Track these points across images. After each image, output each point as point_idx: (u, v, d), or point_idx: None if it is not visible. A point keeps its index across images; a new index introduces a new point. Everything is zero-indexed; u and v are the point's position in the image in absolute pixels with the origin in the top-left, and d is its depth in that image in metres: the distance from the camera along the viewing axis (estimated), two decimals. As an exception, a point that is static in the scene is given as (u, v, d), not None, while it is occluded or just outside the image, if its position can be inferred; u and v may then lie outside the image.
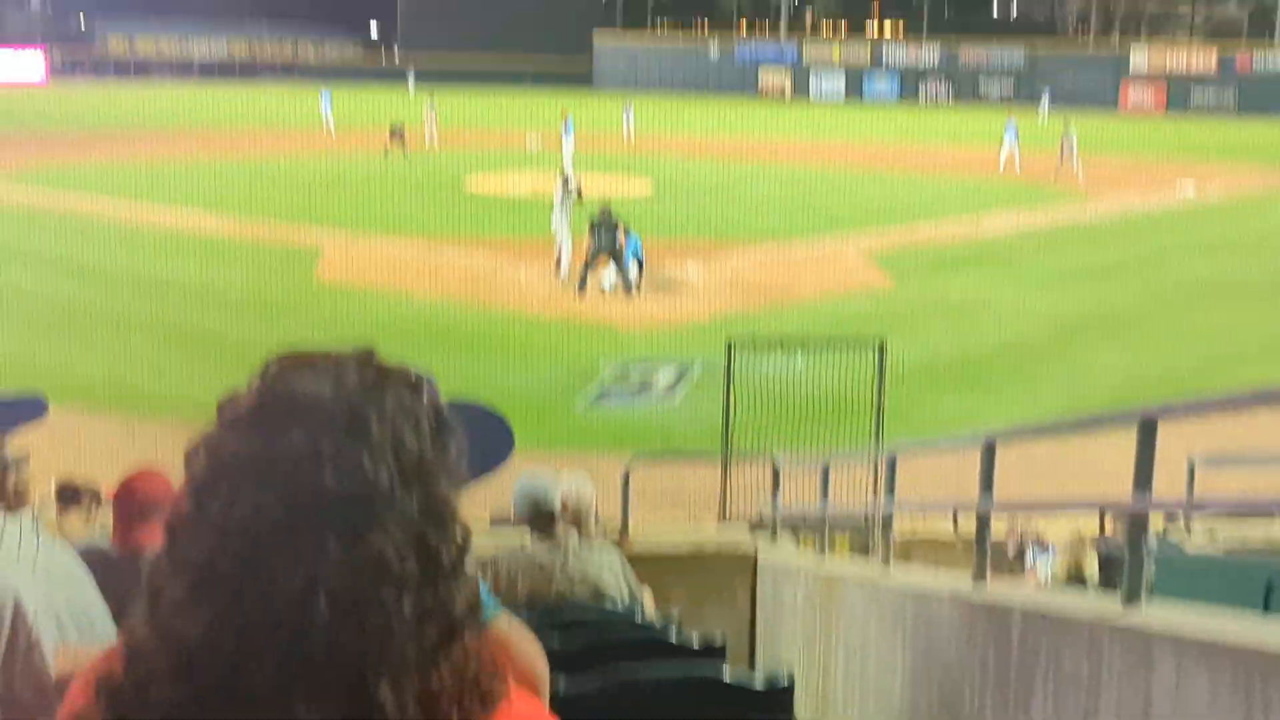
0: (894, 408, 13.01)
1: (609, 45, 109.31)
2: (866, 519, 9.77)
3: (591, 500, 5.63)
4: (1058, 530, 10.60)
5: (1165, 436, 3.86)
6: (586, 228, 21.65)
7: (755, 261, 25.52)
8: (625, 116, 52.85)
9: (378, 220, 29.51)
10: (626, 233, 21.58)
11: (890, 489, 6.67)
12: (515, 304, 21.19)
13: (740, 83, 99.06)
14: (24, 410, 1.92)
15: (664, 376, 16.78)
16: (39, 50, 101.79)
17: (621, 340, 18.83)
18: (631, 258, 21.50)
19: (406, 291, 21.79)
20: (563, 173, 25.22)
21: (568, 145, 38.24)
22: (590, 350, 18.06)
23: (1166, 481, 4.31)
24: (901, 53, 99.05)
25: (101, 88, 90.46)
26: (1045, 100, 73.79)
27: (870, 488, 10.33)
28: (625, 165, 37.77)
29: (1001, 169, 41.18)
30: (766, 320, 20.22)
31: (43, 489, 8.00)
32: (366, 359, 1.31)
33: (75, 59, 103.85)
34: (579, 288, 21.33)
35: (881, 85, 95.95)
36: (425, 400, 1.30)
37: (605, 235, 21.25)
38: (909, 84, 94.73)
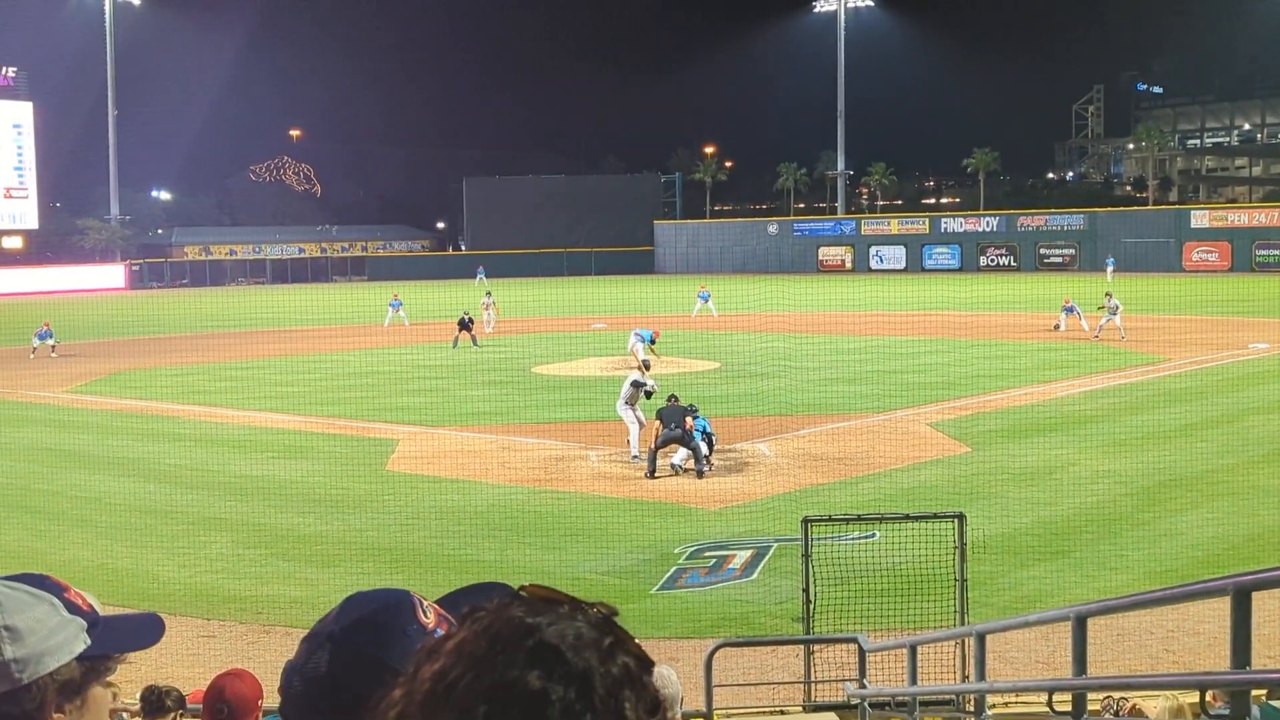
0: (977, 580, 12.73)
1: (669, 231, 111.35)
2: (958, 699, 9.46)
3: (679, 693, 5.49)
4: (1156, 700, 10.21)
5: (1261, 597, 3.74)
6: (654, 415, 21.83)
7: (826, 434, 25.41)
8: (701, 298, 53.54)
9: (448, 410, 29.87)
10: (694, 414, 21.64)
11: (981, 667, 6.48)
12: (586, 487, 21.18)
13: (800, 259, 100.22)
14: (145, 632, 1.92)
15: (739, 556, 16.58)
16: (120, 263, 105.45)
17: (695, 520, 18.68)
18: (700, 437, 21.51)
19: (477, 479, 21.87)
20: (640, 365, 25.37)
21: (638, 346, 37.57)
22: (664, 532, 17.92)
23: (1264, 641, 4.15)
24: (960, 222, 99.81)
25: (178, 293, 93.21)
26: (1110, 266, 73.94)
27: (959, 666, 10.04)
28: (692, 345, 38.01)
29: (1063, 328, 41.15)
30: (840, 493, 20.03)
31: (126, 696, 7.98)
32: (607, 621, 1.31)
33: (153, 267, 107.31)
34: (649, 474, 21.29)
35: (941, 255, 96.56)
36: (650, 679, 1.30)
37: (674, 423, 21.34)
38: (969, 252, 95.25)
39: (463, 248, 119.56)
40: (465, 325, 43.37)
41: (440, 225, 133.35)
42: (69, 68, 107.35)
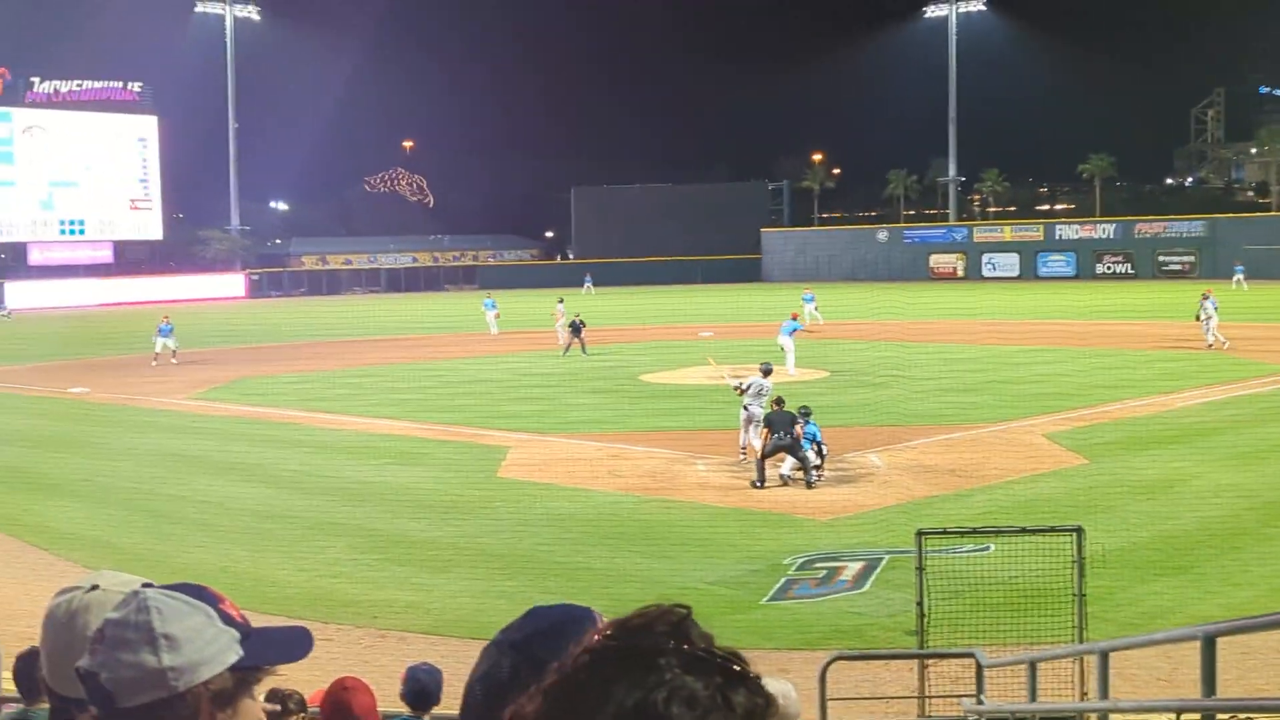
0: (1095, 595, 12.47)
1: (777, 239, 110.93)
2: (1079, 718, 9.28)
3: (799, 711, 5.44)
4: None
5: None
6: (763, 423, 21.77)
7: (938, 445, 25.10)
8: (805, 300, 53.14)
9: (558, 417, 30.09)
10: (806, 418, 21.50)
11: (1104, 686, 6.35)
12: (695, 496, 21.18)
13: (911, 266, 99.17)
14: (295, 645, 1.97)
15: (851, 568, 16.45)
16: (240, 272, 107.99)
17: (805, 531, 18.58)
18: (810, 445, 21.35)
19: (587, 486, 21.99)
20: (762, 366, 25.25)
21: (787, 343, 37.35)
22: (773, 542, 17.85)
23: None
24: (1075, 229, 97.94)
25: (296, 301, 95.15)
26: (1239, 274, 71.85)
27: (1078, 683, 9.84)
28: (799, 353, 37.77)
29: (1211, 342, 39.99)
30: (953, 505, 19.77)
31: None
32: (734, 658, 1.34)
33: (272, 276, 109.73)
34: (758, 484, 21.19)
35: (1056, 262, 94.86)
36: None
37: (782, 430, 21.23)
38: (1085, 259, 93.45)
39: (570, 256, 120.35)
40: (576, 330, 43.64)
41: (549, 234, 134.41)
42: (191, 82, 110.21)
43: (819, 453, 21.60)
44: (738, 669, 1.32)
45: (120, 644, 1.76)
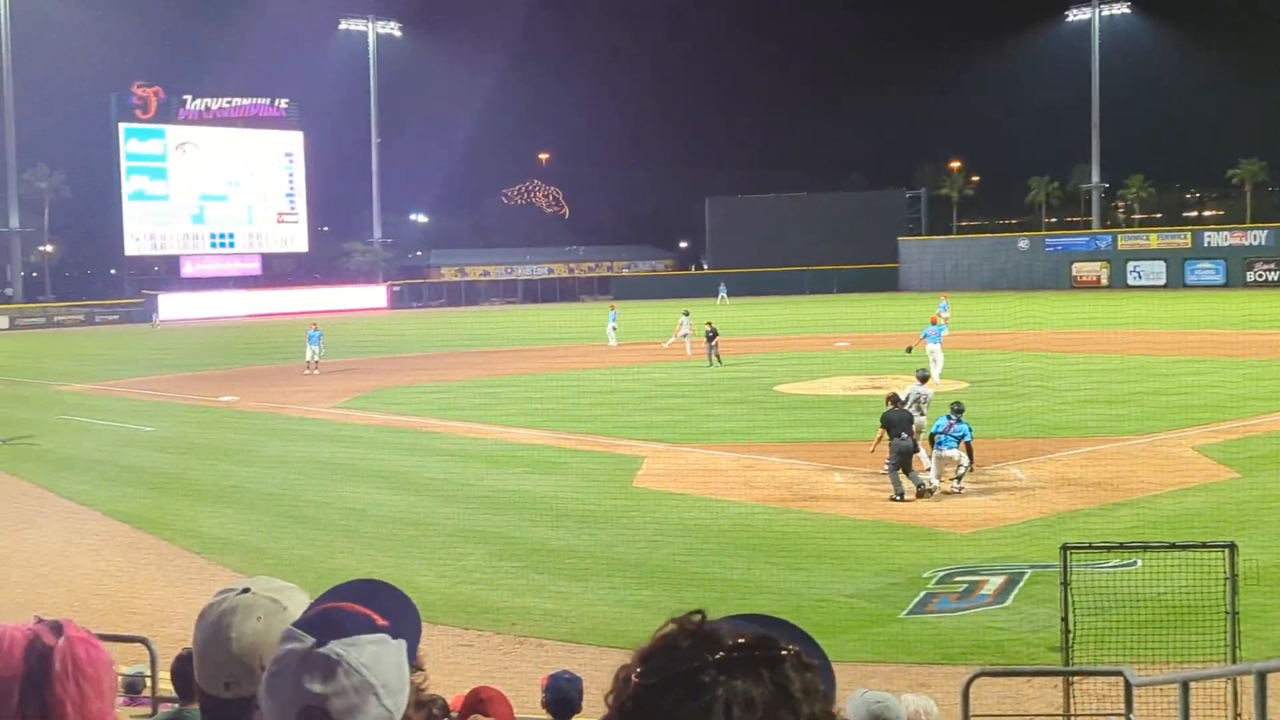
0: (1249, 613, 12.07)
1: (914, 247, 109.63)
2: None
3: (942, 726, 5.37)
4: None
5: None
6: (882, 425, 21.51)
7: (1082, 457, 24.53)
8: (940, 309, 52.39)
9: (692, 428, 30.13)
10: (958, 418, 21.18)
11: (1261, 708, 6.15)
12: (831, 508, 21.02)
13: (1053, 275, 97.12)
14: (412, 616, 1.99)
15: (992, 582, 16.16)
16: (381, 284, 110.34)
17: (945, 544, 18.30)
18: (958, 443, 20.99)
19: (722, 497, 21.98)
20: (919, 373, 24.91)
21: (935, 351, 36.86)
22: (912, 555, 17.63)
23: None
24: (1225, 236, 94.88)
25: (435, 312, 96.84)
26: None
27: (1230, 704, 9.54)
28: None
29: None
30: (1098, 519, 19.30)
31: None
32: (769, 642, 1.34)
33: (412, 287, 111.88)
34: (896, 497, 20.94)
35: (1205, 270, 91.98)
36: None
37: (902, 431, 21.01)
38: (1235, 267, 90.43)
39: (705, 266, 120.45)
40: (710, 339, 43.70)
41: (683, 245, 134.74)
42: (335, 98, 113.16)
43: (969, 452, 21.21)
44: (781, 653, 1.32)
45: (352, 712, 1.78)
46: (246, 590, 2.42)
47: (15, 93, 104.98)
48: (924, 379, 24.03)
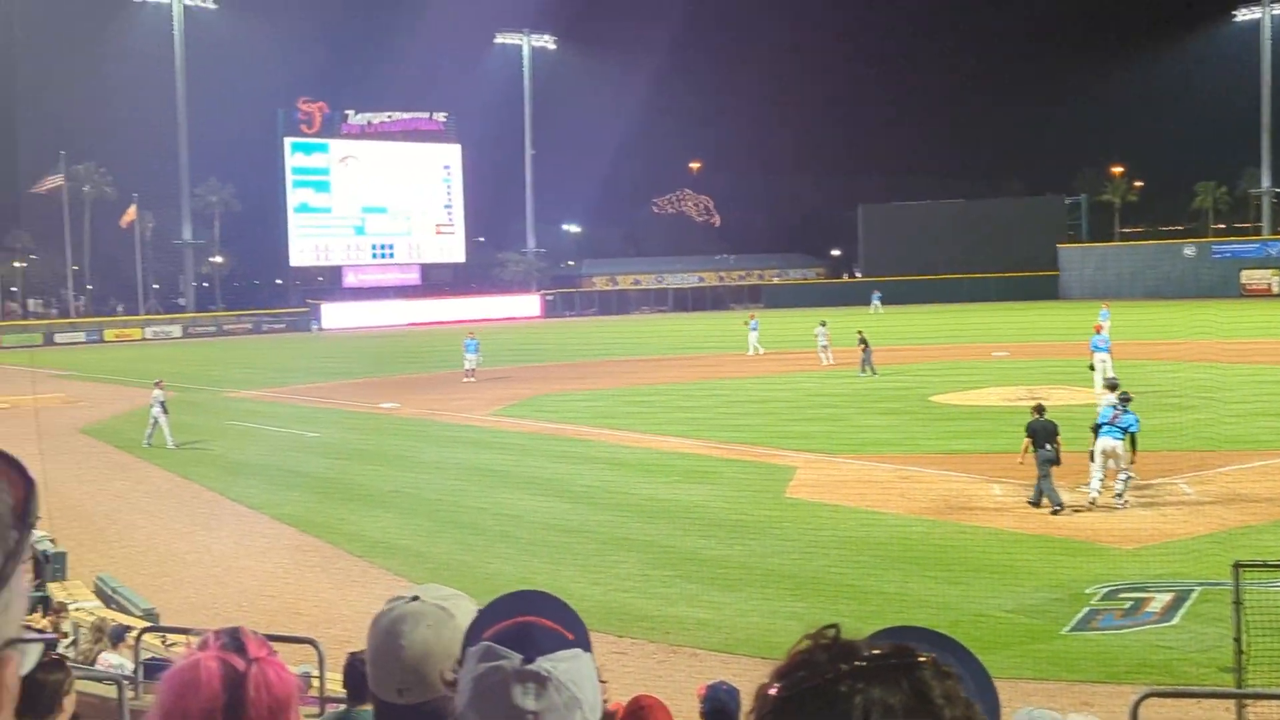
0: None
1: (1075, 255, 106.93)
2: None
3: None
4: None
5: None
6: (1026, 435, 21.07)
7: (1254, 472, 23.63)
8: (1101, 317, 50.99)
9: (846, 438, 29.88)
10: (1125, 408, 20.64)
11: None
12: (990, 521, 20.63)
13: (1221, 283, 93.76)
14: (571, 616, 2.02)
15: (1159, 599, 15.68)
16: (535, 293, 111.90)
17: (1108, 559, 17.80)
18: (1123, 435, 20.43)
19: (877, 509, 21.75)
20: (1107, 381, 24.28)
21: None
22: (1074, 570, 17.20)
23: None
24: None
25: (587, 321, 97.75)
26: None
27: None
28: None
29: None
30: (1271, 536, 18.59)
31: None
32: (905, 651, 1.34)
33: (565, 296, 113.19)
34: (1057, 509, 20.47)
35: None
36: None
37: (1047, 442, 20.56)
38: None
39: (857, 274, 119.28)
40: (864, 345, 43.31)
41: (835, 252, 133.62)
42: (490, 110, 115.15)
43: (1133, 445, 20.61)
44: (918, 660, 1.31)
45: None
46: (415, 598, 2.48)
47: (188, 110, 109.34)
48: (1113, 387, 23.46)
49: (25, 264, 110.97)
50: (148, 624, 14.60)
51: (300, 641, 10.92)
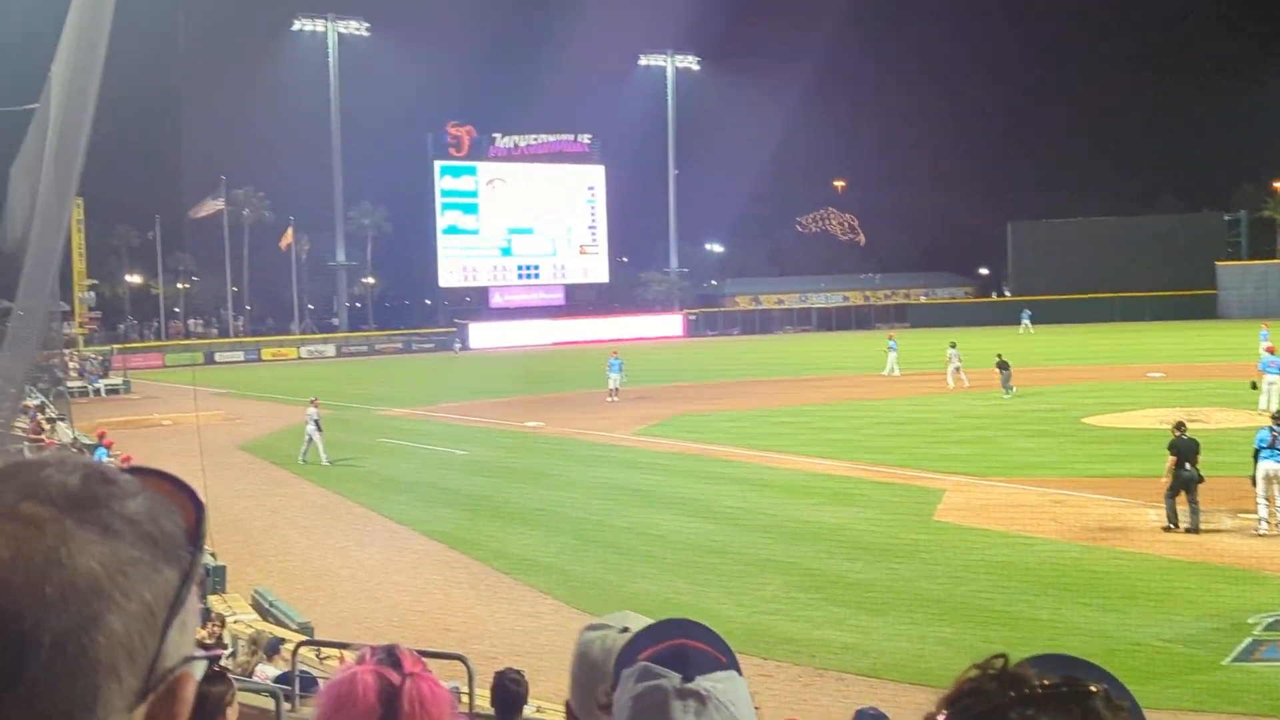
0: None
1: (1234, 273, 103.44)
2: None
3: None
4: None
5: None
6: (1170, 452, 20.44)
7: None
8: (1262, 343, 49.24)
9: (995, 460, 29.32)
10: None
11: None
12: (1146, 546, 20.04)
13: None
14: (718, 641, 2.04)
15: (1328, 632, 15.04)
16: (678, 312, 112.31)
17: (1274, 588, 17.14)
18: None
19: (1028, 533, 21.30)
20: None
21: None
22: (1235, 599, 16.60)
23: None
24: None
25: (730, 340, 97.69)
26: None
27: None
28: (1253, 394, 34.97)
29: None
30: None
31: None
32: (1075, 680, 1.33)
33: (707, 316, 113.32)
34: (1170, 526, 19.88)
35: None
36: None
37: (1188, 461, 19.90)
38: None
39: (1006, 294, 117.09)
40: (1003, 366, 42.54)
41: (983, 271, 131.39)
42: (633, 131, 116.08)
43: None
44: (1090, 690, 1.29)
45: None
46: (626, 630, 2.51)
47: (342, 135, 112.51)
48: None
49: (188, 285, 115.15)
50: (303, 637, 15.02)
51: (450, 658, 11.12)
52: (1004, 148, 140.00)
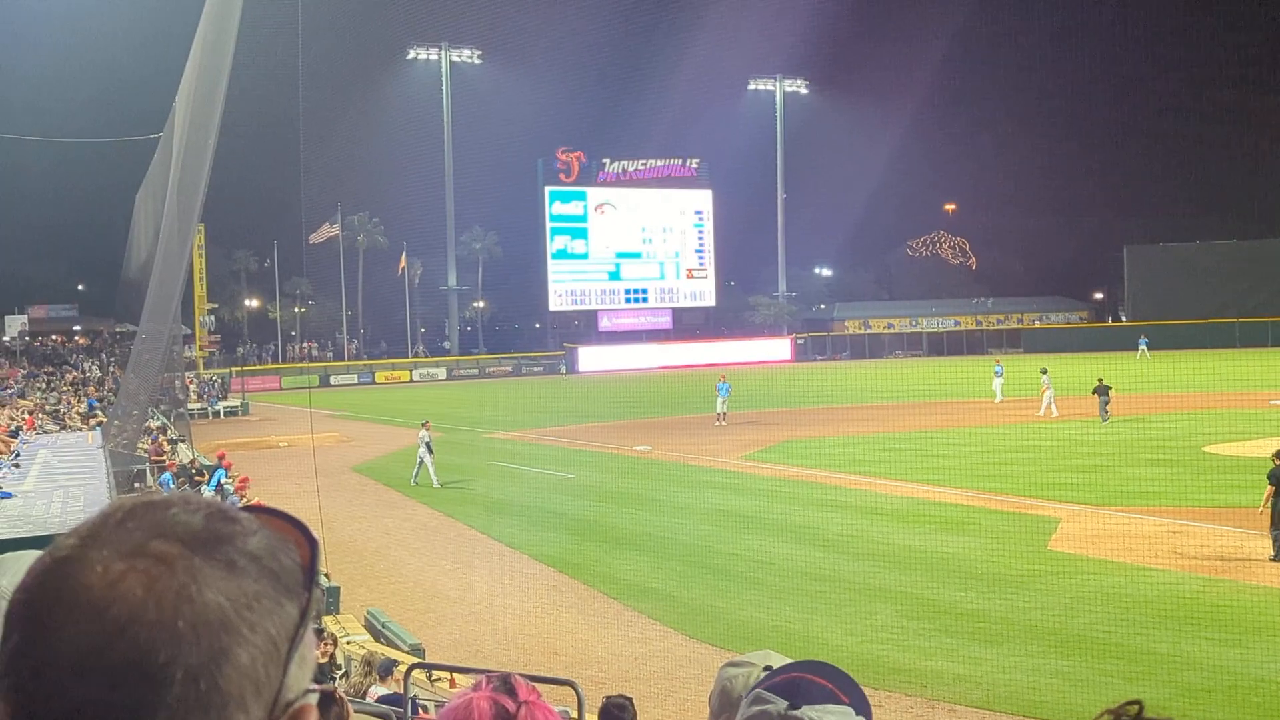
0: None
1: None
2: None
3: None
4: None
5: None
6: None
7: None
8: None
9: (1111, 489, 28.71)
10: None
11: None
12: (1273, 580, 19.44)
13: None
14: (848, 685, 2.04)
15: None
16: (786, 337, 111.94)
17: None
18: None
19: (1146, 564, 20.79)
20: None
21: None
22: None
23: None
24: None
25: (839, 365, 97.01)
26: None
27: None
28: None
29: None
30: None
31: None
32: None
33: (816, 340, 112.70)
34: (1277, 557, 19.23)
35: None
36: None
37: None
38: None
39: (1123, 318, 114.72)
40: (1101, 392, 41.70)
41: (1098, 295, 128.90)
42: (741, 155, 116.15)
43: None
44: None
45: None
46: (768, 668, 2.51)
47: (454, 161, 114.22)
48: None
49: (304, 309, 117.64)
50: (415, 659, 15.20)
51: (560, 683, 11.16)
52: (1120, 169, 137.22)
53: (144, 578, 1.05)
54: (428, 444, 35.06)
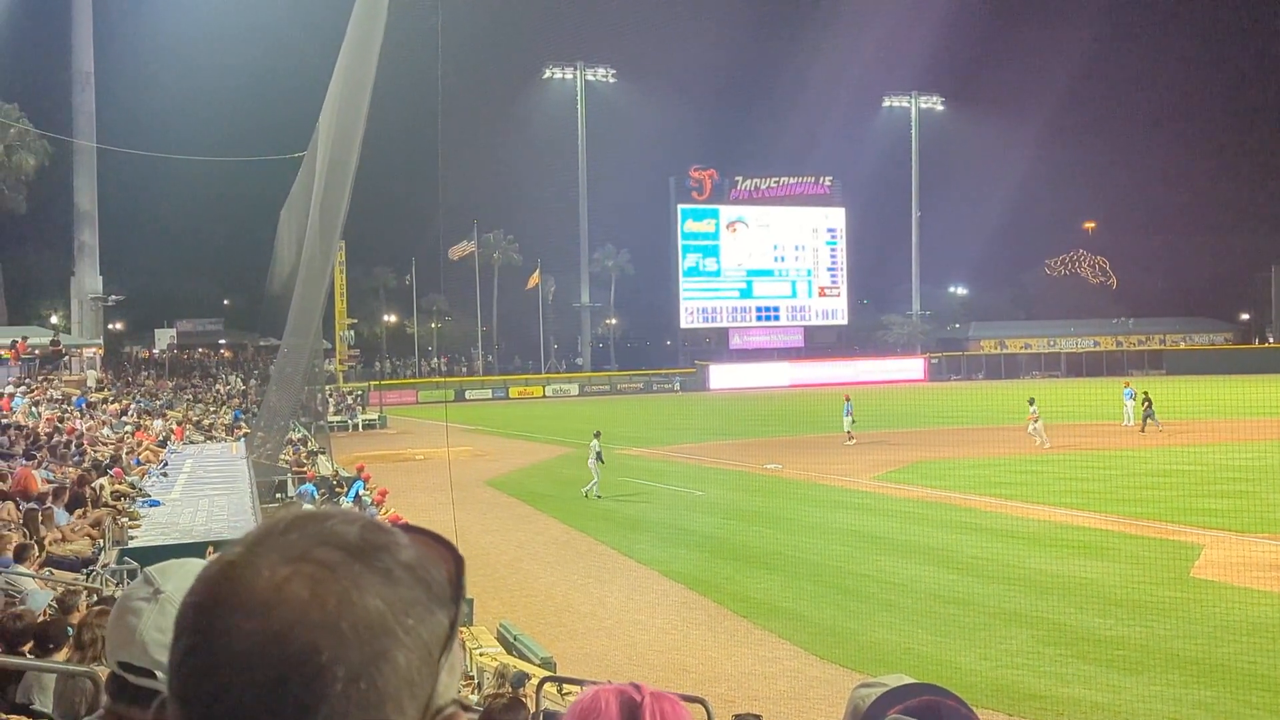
0: None
1: None
2: None
3: None
4: None
5: None
6: None
7: None
8: None
9: (1260, 516, 27.81)
10: None
11: None
12: None
13: None
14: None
15: None
16: (919, 356, 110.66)
17: None
18: None
19: (1295, 595, 20.11)
20: None
21: None
22: None
23: None
24: None
25: (974, 385, 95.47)
26: None
27: None
28: None
29: None
30: None
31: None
32: None
33: (950, 360, 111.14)
34: None
35: None
36: None
37: None
38: None
39: (1270, 340, 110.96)
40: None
41: (1244, 316, 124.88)
42: (875, 173, 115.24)
43: None
44: None
45: None
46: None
47: (587, 179, 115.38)
48: None
49: (441, 325, 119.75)
50: (546, 673, 15.39)
51: (691, 700, 11.23)
52: (1268, 184, 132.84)
53: (308, 581, 1.12)
54: (598, 454, 35.83)
